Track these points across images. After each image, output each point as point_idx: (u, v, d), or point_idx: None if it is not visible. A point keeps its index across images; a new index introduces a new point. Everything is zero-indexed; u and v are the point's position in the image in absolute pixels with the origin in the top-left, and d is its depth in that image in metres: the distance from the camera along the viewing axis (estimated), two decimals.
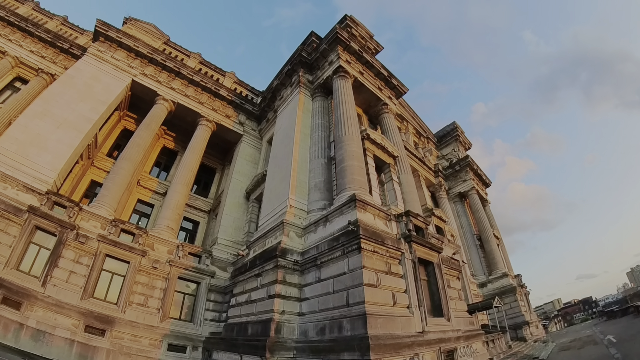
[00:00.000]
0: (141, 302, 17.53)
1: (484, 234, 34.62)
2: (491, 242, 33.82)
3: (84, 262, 16.81)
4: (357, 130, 18.94)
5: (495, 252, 33.31)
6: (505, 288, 30.36)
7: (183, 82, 25.70)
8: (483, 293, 31.20)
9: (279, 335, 12.70)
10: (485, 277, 32.87)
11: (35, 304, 14.47)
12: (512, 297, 29.70)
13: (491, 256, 33.17)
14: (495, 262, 32.68)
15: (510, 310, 29.14)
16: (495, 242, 34.42)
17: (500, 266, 32.45)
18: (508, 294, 29.96)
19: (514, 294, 29.70)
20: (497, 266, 32.44)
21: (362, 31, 25.69)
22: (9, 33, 23.43)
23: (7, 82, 23.24)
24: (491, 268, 32.87)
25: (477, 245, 34.81)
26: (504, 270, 31.98)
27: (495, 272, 32.20)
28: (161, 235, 19.95)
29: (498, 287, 30.90)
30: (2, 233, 15.44)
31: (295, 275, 14.72)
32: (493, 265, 32.75)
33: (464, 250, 32.98)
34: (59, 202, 17.51)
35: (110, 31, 23.05)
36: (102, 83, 22.10)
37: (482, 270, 33.52)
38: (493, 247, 33.53)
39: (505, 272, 31.87)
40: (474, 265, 33.84)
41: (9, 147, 17.73)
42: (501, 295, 29.53)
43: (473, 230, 35.87)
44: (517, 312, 28.92)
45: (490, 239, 33.99)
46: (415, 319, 12.51)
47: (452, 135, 42.84)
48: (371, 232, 13.12)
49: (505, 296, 29.79)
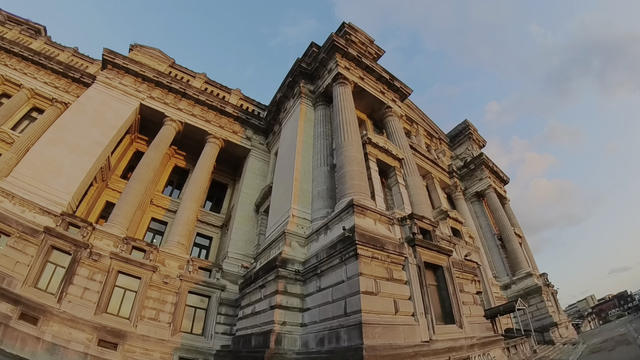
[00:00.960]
0: (152, 317, 18.29)
1: (504, 233, 33.91)
2: (512, 241, 33.10)
3: (98, 279, 17.83)
4: (357, 135, 19.40)
5: (517, 251, 32.53)
6: (530, 288, 29.54)
7: (189, 102, 27.24)
8: (507, 295, 30.37)
9: (279, 346, 12.82)
10: (508, 279, 32.09)
11: (51, 319, 15.48)
12: (537, 298, 28.84)
13: (513, 256, 32.40)
14: (518, 262, 31.90)
15: (537, 311, 28.26)
16: (517, 241, 33.66)
17: (524, 265, 31.64)
18: (533, 294, 29.12)
19: (540, 294, 28.84)
20: (520, 266, 31.66)
21: (362, 37, 26.44)
22: (24, 67, 25.97)
23: (25, 112, 25.56)
24: (514, 268, 32.09)
25: (498, 246, 34.11)
26: (527, 270, 31.14)
27: (519, 272, 31.41)
28: (172, 251, 20.86)
29: (522, 288, 30.08)
30: (20, 253, 16.76)
31: (297, 285, 14.91)
32: (516, 265, 31.97)
33: (484, 252, 32.36)
34: (73, 222, 18.80)
35: (117, 59, 24.99)
36: (111, 108, 23.81)
37: (505, 271, 32.78)
38: (515, 246, 32.78)
39: (530, 271, 31.03)
40: (496, 267, 33.17)
41: (26, 173, 19.36)
42: (526, 297, 28.73)
43: (493, 230, 35.17)
44: (544, 313, 28.00)
45: (512, 238, 33.28)
46: (420, 327, 12.18)
47: (464, 134, 42.54)
48: (369, 237, 13.08)
49: (530, 297, 28.98)
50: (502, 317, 26.38)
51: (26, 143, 22.14)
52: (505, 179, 41.06)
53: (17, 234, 17.07)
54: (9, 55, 25.97)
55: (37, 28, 30.98)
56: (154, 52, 27.83)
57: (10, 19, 29.51)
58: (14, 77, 25.59)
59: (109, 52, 24.84)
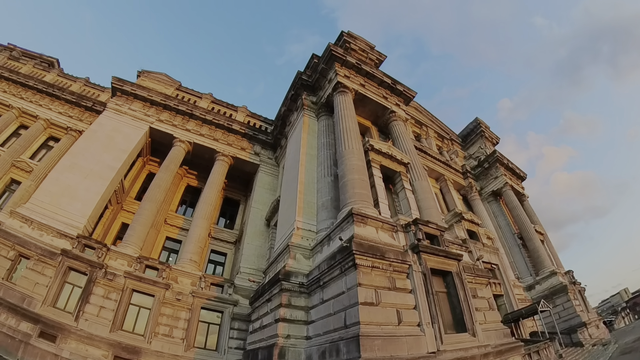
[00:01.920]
0: (166, 333, 19.08)
1: (524, 232, 33.43)
2: (534, 240, 32.53)
3: (113, 298, 18.86)
4: (358, 142, 19.86)
5: (539, 249, 31.97)
6: (555, 288, 28.92)
7: (197, 123, 28.74)
8: (531, 296, 29.75)
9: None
10: (532, 279, 31.51)
11: (68, 337, 16.52)
12: (564, 297, 28.14)
13: (536, 255, 31.86)
14: (541, 261, 31.33)
15: (564, 311, 27.58)
16: (538, 239, 33.04)
17: (547, 264, 31.04)
18: (559, 294, 28.46)
19: (566, 293, 28.14)
20: (543, 265, 31.07)
21: (362, 44, 27.29)
22: (39, 99, 28.45)
23: (42, 142, 27.84)
24: (537, 268, 31.50)
25: (519, 245, 33.62)
26: (551, 269, 30.50)
27: (542, 271, 30.84)
28: (184, 268, 21.79)
29: (547, 288, 29.50)
30: (39, 275, 18.06)
31: (301, 298, 15.16)
32: (539, 264, 31.39)
33: (504, 253, 32.02)
34: (88, 244, 20.06)
35: (125, 85, 26.87)
36: (122, 133, 25.45)
37: (528, 271, 32.21)
38: (536, 245, 32.24)
39: (554, 269, 30.39)
40: (518, 267, 32.66)
41: (44, 198, 20.91)
42: (552, 297, 28.19)
43: (513, 230, 34.72)
44: (571, 313, 27.25)
45: (533, 236, 32.72)
46: (427, 337, 11.96)
47: (476, 132, 42.45)
48: (368, 246, 13.07)
49: (556, 297, 28.36)
50: (528, 320, 25.95)
51: (44, 171, 23.92)
52: (522, 175, 40.59)
53: (36, 257, 18.42)
54: (25, 88, 28.52)
55: (50, 61, 33.71)
56: (160, 76, 29.68)
57: (24, 54, 32.34)
58: (30, 109, 28.01)
59: (117, 80, 26.74)
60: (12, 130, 27.51)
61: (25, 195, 22.44)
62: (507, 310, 25.28)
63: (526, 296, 29.56)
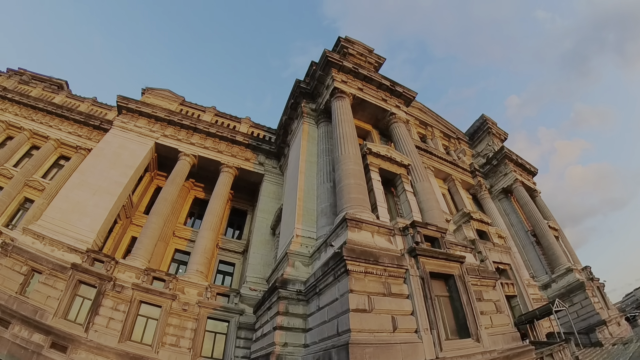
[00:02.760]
0: (173, 343, 19.88)
1: (537, 229, 33.20)
2: (548, 236, 32.30)
3: (121, 309, 19.83)
4: (354, 147, 20.36)
5: (554, 246, 31.74)
6: (572, 285, 28.63)
7: (201, 136, 30.03)
8: (547, 295, 29.49)
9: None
10: (547, 277, 31.23)
11: (79, 347, 17.51)
12: (581, 295, 27.80)
13: (550, 252, 31.64)
14: (556, 258, 31.09)
15: (582, 310, 27.20)
16: (552, 235, 32.75)
17: (563, 261, 30.75)
18: (576, 291, 28.15)
19: (583, 290, 27.80)
20: (558, 262, 30.81)
21: (360, 48, 28.19)
22: (49, 120, 30.53)
23: (53, 161, 29.75)
24: (553, 265, 31.21)
25: (533, 243, 33.44)
26: (567, 265, 30.22)
27: (558, 268, 30.55)
28: (190, 279, 22.66)
29: (564, 286, 29.22)
30: (51, 288, 19.21)
31: (300, 306, 15.56)
32: (554, 261, 31.13)
33: (518, 251, 32.03)
34: (97, 258, 21.19)
35: (130, 103, 28.42)
36: (128, 150, 26.86)
37: (544, 269, 31.96)
38: (551, 241, 32.01)
39: (569, 266, 30.08)
40: (532, 266, 32.48)
41: (55, 215, 22.26)
42: (568, 295, 27.96)
43: (525, 227, 34.55)
44: (590, 311, 26.83)
45: (546, 233, 32.49)
46: (424, 344, 11.86)
47: (483, 130, 42.51)
48: (360, 251, 13.15)
49: (573, 295, 28.08)
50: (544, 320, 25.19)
51: (55, 189, 25.50)
52: (533, 170, 40.39)
53: (47, 271, 19.63)
54: (35, 110, 30.66)
55: (59, 83, 35.92)
56: (164, 92, 31.19)
57: (34, 77, 34.69)
58: (41, 130, 30.03)
59: (122, 99, 28.33)
60: (24, 151, 29.48)
61: (37, 212, 23.92)
62: (522, 311, 24.98)
63: (542, 295, 29.25)
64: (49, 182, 26.84)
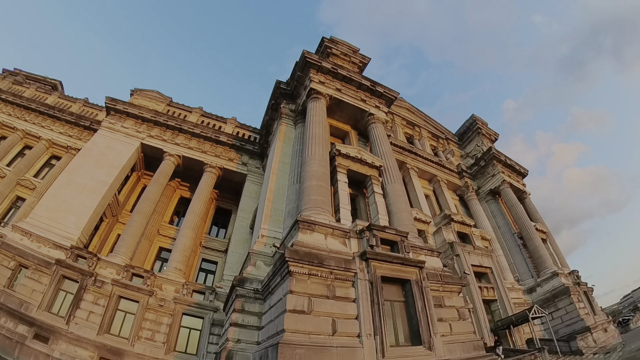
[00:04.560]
0: (149, 337, 22.17)
1: (524, 231, 34.14)
2: (534, 239, 33.19)
3: (101, 303, 22.20)
4: (321, 148, 21.72)
5: (540, 249, 32.63)
6: (557, 290, 29.36)
7: (186, 136, 32.33)
8: (532, 299, 30.28)
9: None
10: (533, 281, 32.00)
11: (60, 339, 19.84)
12: (566, 300, 28.54)
13: (536, 255, 32.57)
14: (542, 261, 31.99)
15: (567, 315, 27.95)
16: (539, 238, 33.68)
17: (549, 264, 31.61)
18: (561, 296, 28.89)
19: (568, 295, 28.53)
20: (544, 265, 31.71)
21: (344, 48, 29.72)
22: (42, 120, 33.37)
23: (45, 160, 32.65)
24: (539, 269, 32.15)
25: (519, 246, 34.34)
26: (553, 269, 31.03)
27: (544, 272, 31.45)
28: (169, 276, 24.94)
29: (548, 290, 29.99)
30: (36, 282, 21.68)
31: (256, 304, 16.93)
32: (540, 265, 32.05)
33: (504, 254, 32.98)
34: (80, 254, 23.64)
35: (117, 105, 30.86)
36: (114, 150, 29.31)
37: (530, 272, 32.81)
38: (537, 244, 32.92)
39: (555, 270, 30.86)
40: (518, 269, 33.43)
41: (42, 213, 24.83)
42: (554, 300, 28.73)
43: (512, 229, 35.50)
44: (574, 317, 27.53)
45: (533, 236, 33.39)
46: (365, 350, 12.33)
47: (472, 130, 43.43)
48: (304, 253, 13.83)
49: (558, 300, 28.84)
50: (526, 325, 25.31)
51: (45, 188, 28.21)
52: (523, 171, 41.27)
53: (33, 267, 22.10)
54: (28, 111, 33.58)
55: (53, 83, 38.90)
56: (152, 94, 33.51)
57: (29, 78, 37.74)
58: (33, 131, 32.95)
59: (111, 100, 30.78)
60: (17, 151, 32.45)
61: (28, 210, 26.64)
62: (502, 316, 25.84)
63: (526, 299, 30.22)
64: (40, 181, 29.63)
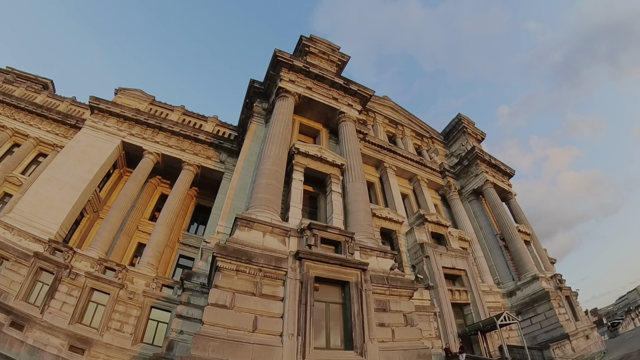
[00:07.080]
0: (117, 328, 25.15)
1: (506, 233, 34.99)
2: (516, 241, 34.01)
3: (74, 294, 25.30)
4: (278, 147, 23.63)
5: (521, 251, 33.42)
6: (537, 294, 29.95)
7: (166, 135, 35.40)
8: (512, 304, 31.27)
9: (169, 352, 17.31)
10: (513, 284, 32.66)
11: (34, 327, 22.92)
12: (546, 305, 29.14)
13: (518, 257, 33.39)
14: (523, 264, 32.79)
15: (546, 321, 28.50)
16: (521, 240, 34.50)
17: (530, 267, 32.36)
18: (540, 301, 29.47)
19: (548, 300, 29.05)
20: (525, 268, 32.47)
21: (323, 46, 31.92)
22: (30, 119, 37.05)
23: (32, 158, 36.33)
24: (520, 272, 32.92)
25: (501, 247, 35.31)
26: (533, 273, 31.70)
27: (524, 275, 32.19)
28: (140, 270, 27.93)
29: (528, 294, 30.68)
30: (15, 274, 24.93)
31: (202, 298, 19.18)
32: (521, 267, 32.87)
33: (484, 255, 34.04)
34: (57, 247, 26.84)
35: (100, 104, 34.13)
36: (95, 148, 32.57)
37: (510, 275, 33.59)
38: (519, 246, 33.71)
39: (536, 274, 31.50)
40: (498, 272, 34.35)
41: (24, 209, 28.24)
42: (533, 304, 29.48)
43: (495, 230, 36.46)
44: (553, 323, 28.20)
45: (515, 237, 34.23)
46: (285, 350, 13.03)
47: (458, 129, 44.53)
48: (232, 249, 14.90)
49: (537, 304, 29.46)
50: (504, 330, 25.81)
51: (30, 184, 31.57)
52: (509, 171, 42.19)
53: (13, 259, 25.37)
54: (17, 110, 37.23)
55: (44, 82, 42.75)
56: (135, 93, 36.68)
57: (20, 76, 41.69)
58: (22, 129, 36.69)
59: (94, 99, 34.08)
60: (6, 149, 36.21)
61: (13, 206, 30.10)
62: (474, 321, 26.62)
63: (504, 303, 31.22)
64: (27, 178, 33.24)
